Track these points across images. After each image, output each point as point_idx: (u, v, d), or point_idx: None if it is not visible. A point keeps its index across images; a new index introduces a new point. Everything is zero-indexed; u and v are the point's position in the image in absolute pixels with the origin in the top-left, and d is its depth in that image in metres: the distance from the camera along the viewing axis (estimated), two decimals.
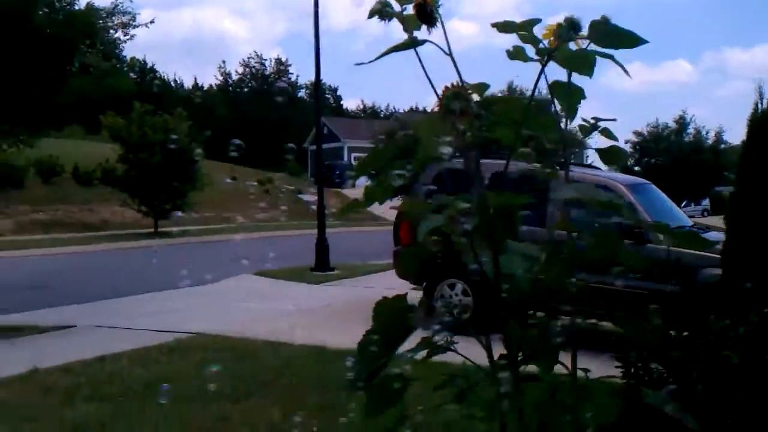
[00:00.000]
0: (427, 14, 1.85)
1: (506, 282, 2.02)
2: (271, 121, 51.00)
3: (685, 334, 2.87)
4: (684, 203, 44.08)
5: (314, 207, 28.71)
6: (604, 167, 6.49)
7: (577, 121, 2.15)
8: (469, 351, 2.14)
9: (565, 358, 2.14)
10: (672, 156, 58.42)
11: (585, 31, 1.90)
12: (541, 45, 1.94)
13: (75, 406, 6.08)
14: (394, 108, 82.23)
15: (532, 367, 2.19)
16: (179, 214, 22.88)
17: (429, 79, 1.99)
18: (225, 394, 6.27)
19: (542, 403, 2.08)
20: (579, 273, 2.14)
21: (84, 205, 32.45)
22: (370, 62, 2.16)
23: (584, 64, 1.93)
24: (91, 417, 5.75)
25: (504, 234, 2.07)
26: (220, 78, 79.90)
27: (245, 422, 5.58)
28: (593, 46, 1.90)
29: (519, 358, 2.16)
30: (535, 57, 1.97)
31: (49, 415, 5.85)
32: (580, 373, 2.18)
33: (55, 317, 10.08)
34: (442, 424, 2.98)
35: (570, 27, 1.90)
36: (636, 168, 51.09)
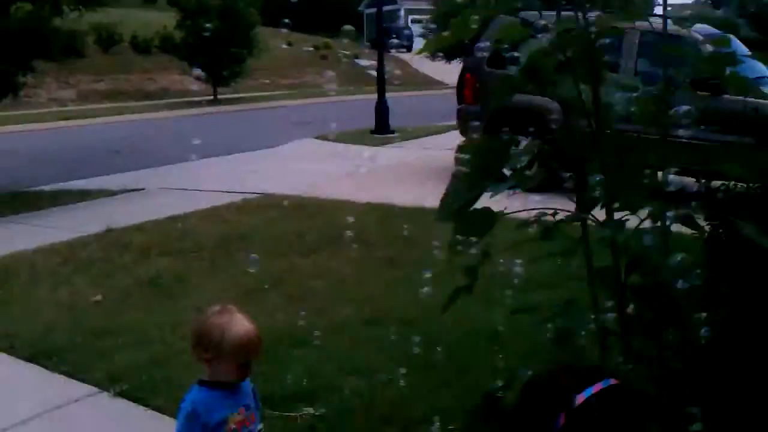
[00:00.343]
0: None
1: (604, 112, 1.93)
2: None
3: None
4: None
5: (371, 72, 28.28)
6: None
7: None
8: (545, 203, 2.09)
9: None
10: (743, 7, 55.45)
11: None
12: None
13: (150, 261, 6.30)
14: None
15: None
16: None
17: None
18: (294, 249, 6.41)
19: (634, 235, 2.02)
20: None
21: (144, 74, 32.54)
22: None
23: None
24: (166, 271, 5.96)
25: (603, 63, 1.96)
26: None
27: (314, 274, 5.73)
28: None
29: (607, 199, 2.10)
30: None
31: (126, 270, 6.08)
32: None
33: (124, 181, 10.29)
34: (523, 264, 2.96)
35: None
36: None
